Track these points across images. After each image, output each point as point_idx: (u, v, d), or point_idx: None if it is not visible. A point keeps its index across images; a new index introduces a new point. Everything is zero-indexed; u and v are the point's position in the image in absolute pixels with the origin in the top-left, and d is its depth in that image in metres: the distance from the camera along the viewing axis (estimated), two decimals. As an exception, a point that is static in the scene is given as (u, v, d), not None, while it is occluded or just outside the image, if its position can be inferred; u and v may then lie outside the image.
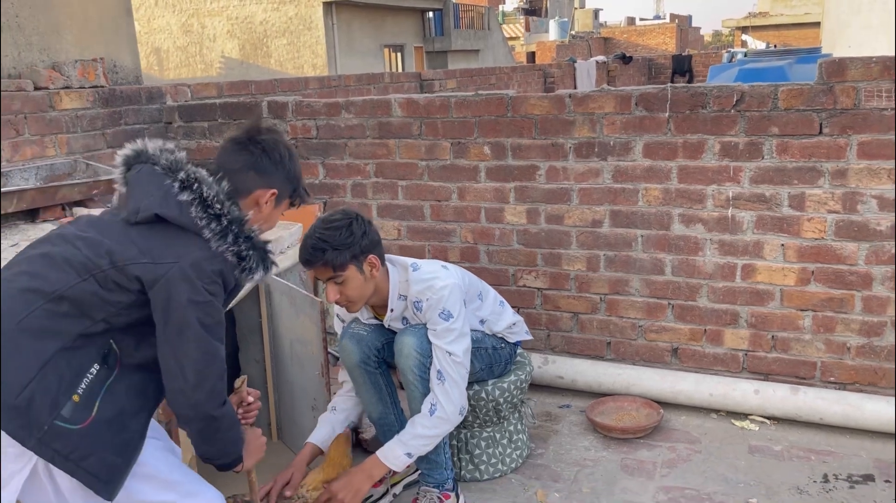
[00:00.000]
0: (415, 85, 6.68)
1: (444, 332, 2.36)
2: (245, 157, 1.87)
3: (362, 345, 2.51)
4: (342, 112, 3.57)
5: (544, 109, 3.22)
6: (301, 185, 2.00)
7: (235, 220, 1.75)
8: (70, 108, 3.44)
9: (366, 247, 2.33)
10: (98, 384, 1.66)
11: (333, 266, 2.28)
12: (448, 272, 2.46)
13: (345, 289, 2.34)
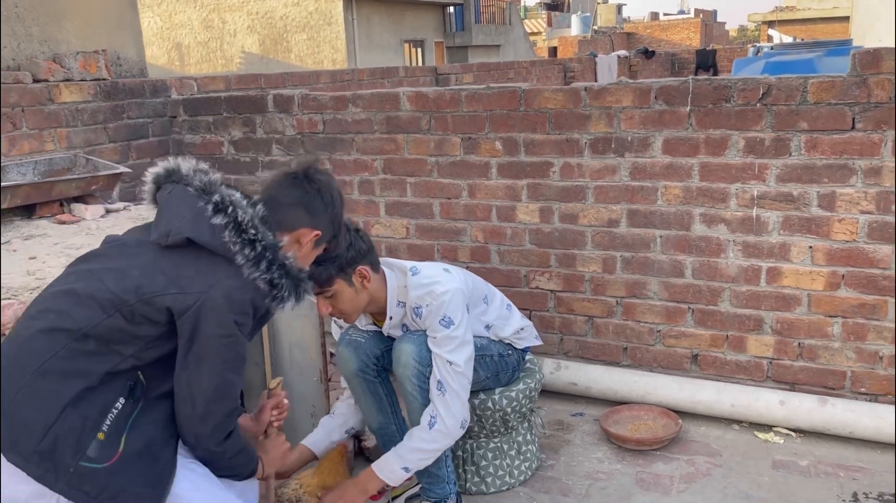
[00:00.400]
0: (430, 79, 6.55)
1: (445, 340, 2.23)
2: (298, 194, 1.84)
3: (360, 353, 2.39)
4: (349, 106, 3.45)
5: (559, 103, 3.07)
6: (342, 232, 1.99)
7: (270, 246, 1.70)
8: (70, 102, 3.34)
9: (352, 259, 2.19)
10: (123, 418, 1.61)
11: (319, 282, 2.15)
12: (450, 276, 2.32)
13: (335, 303, 2.22)
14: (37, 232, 2.80)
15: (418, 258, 3.44)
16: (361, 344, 2.40)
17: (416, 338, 2.27)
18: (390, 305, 2.31)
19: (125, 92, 3.61)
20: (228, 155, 3.77)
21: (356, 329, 2.46)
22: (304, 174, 1.84)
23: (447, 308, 2.23)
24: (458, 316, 2.24)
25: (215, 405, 1.67)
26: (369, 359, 2.39)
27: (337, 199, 1.89)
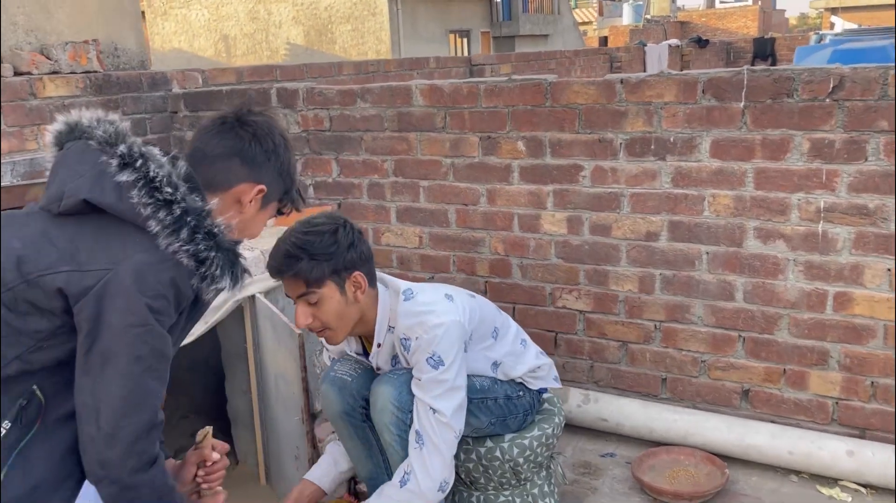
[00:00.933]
0: (464, 70, 6.17)
1: (431, 384, 1.87)
2: (230, 142, 1.44)
3: (345, 393, 2.05)
4: (357, 101, 3.10)
5: (590, 97, 2.67)
6: (296, 185, 1.57)
7: (193, 209, 1.31)
8: (55, 96, 3.08)
9: (351, 261, 1.88)
10: (8, 448, 1.25)
11: (307, 279, 1.84)
12: (449, 305, 1.96)
13: (319, 312, 1.88)
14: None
15: (432, 271, 3.09)
16: (347, 383, 2.06)
17: (396, 379, 1.92)
18: (379, 329, 1.98)
19: (119, 85, 3.34)
20: (231, 154, 3.47)
21: (343, 363, 2.12)
22: (236, 117, 1.47)
23: (438, 344, 1.88)
24: (451, 355, 1.89)
25: (127, 418, 1.28)
26: (356, 401, 2.05)
27: (281, 144, 1.50)
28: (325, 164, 3.24)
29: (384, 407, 1.90)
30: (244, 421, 2.66)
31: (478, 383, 2.02)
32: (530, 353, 2.19)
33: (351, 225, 1.95)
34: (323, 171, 3.25)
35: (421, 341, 1.89)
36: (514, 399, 2.12)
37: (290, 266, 1.84)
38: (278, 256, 1.87)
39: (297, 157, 1.55)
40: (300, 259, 1.83)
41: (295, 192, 1.55)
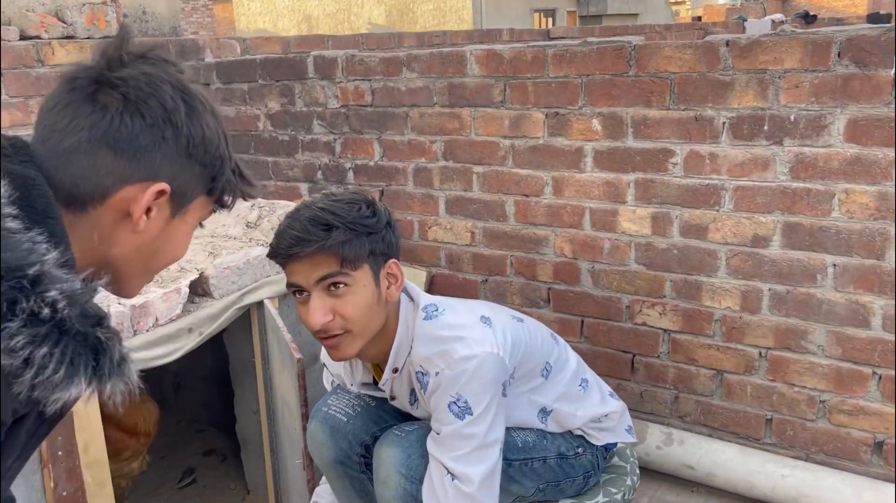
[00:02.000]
0: (541, 44, 5.60)
1: (453, 439, 1.39)
2: (88, 119, 0.84)
3: (339, 436, 1.61)
4: (403, 70, 2.63)
5: (686, 64, 2.11)
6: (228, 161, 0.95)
7: (8, 269, 0.72)
8: (66, 63, 2.73)
9: (389, 244, 1.45)
10: None
11: (343, 255, 1.36)
12: (486, 332, 1.46)
13: (341, 305, 1.38)
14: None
15: (486, 273, 2.61)
16: (342, 423, 1.61)
17: (405, 438, 1.46)
18: (397, 349, 1.49)
19: (143, 53, 2.97)
20: (265, 131, 3.07)
21: (340, 396, 1.66)
22: (95, 75, 0.84)
23: (467, 385, 1.39)
24: (484, 401, 1.39)
25: None
26: (352, 447, 1.60)
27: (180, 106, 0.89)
28: (365, 145, 2.79)
29: (388, 477, 1.44)
30: (254, 445, 2.26)
31: (520, 439, 1.54)
32: (593, 398, 1.68)
33: (385, 205, 1.50)
34: (364, 153, 2.81)
35: (443, 378, 1.41)
36: (570, 458, 1.62)
37: (319, 237, 1.35)
38: (300, 225, 1.37)
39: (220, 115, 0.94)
40: (333, 227, 1.36)
41: (231, 173, 0.96)
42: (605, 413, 1.68)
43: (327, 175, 2.93)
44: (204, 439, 2.69)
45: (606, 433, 1.69)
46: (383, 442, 1.50)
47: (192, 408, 2.81)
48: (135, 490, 2.35)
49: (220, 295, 1.94)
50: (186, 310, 1.86)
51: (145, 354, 1.71)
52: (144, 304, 1.74)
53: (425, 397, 1.47)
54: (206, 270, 1.91)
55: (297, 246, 1.36)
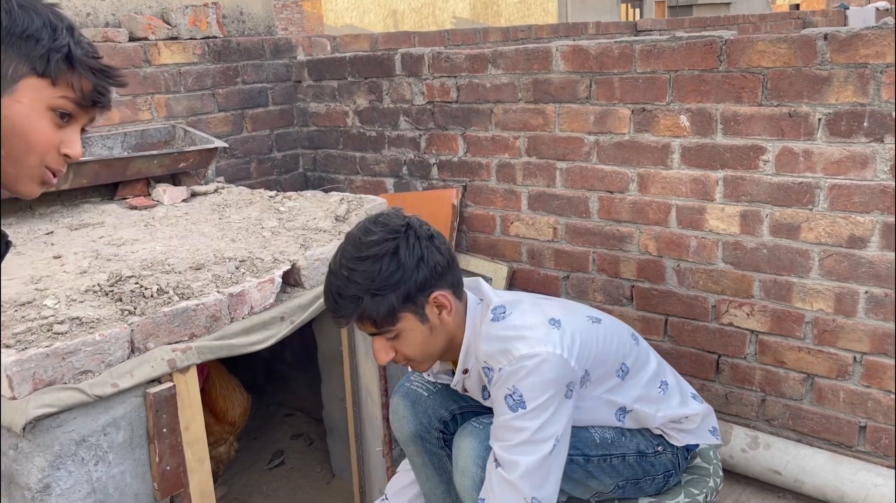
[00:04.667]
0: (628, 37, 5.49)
1: (504, 429, 1.44)
2: None
3: (419, 410, 1.69)
4: (488, 67, 2.65)
5: (780, 59, 2.05)
6: (58, 37, 0.97)
7: None
8: (171, 64, 2.89)
9: (425, 281, 1.46)
10: None
11: (375, 321, 1.46)
12: (551, 333, 1.48)
13: (400, 346, 1.51)
14: (95, 219, 2.36)
15: (567, 269, 2.61)
16: (423, 398, 1.69)
17: (483, 430, 1.50)
18: (465, 353, 1.56)
19: (239, 52, 3.11)
20: (353, 128, 3.16)
21: (421, 374, 1.74)
22: None
23: (524, 380, 1.42)
24: (539, 398, 1.42)
25: None
26: (432, 422, 1.67)
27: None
28: (450, 141, 2.84)
29: (466, 467, 1.48)
30: (340, 431, 2.34)
31: (598, 435, 1.55)
32: (672, 400, 1.66)
33: (414, 231, 1.49)
34: (448, 149, 2.85)
35: (504, 373, 1.45)
36: (649, 456, 1.61)
37: (350, 310, 1.46)
38: (331, 299, 1.49)
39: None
40: (359, 299, 1.44)
41: (65, 55, 0.95)
42: (686, 415, 1.66)
43: (412, 170, 2.99)
44: (292, 423, 2.80)
45: (687, 434, 1.68)
46: (463, 432, 1.54)
47: (282, 392, 2.93)
48: (227, 470, 2.48)
49: (311, 285, 2.02)
50: (279, 300, 1.94)
51: (241, 340, 1.81)
52: (241, 293, 1.83)
53: (491, 391, 1.51)
54: (298, 262, 1.99)
55: (339, 318, 1.51)
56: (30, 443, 1.48)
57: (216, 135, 2.96)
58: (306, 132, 3.35)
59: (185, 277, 1.85)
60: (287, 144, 3.34)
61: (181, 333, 1.71)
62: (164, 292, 1.75)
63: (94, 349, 1.56)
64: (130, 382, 1.59)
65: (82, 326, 1.59)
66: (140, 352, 1.65)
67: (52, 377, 1.51)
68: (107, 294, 1.73)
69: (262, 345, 1.86)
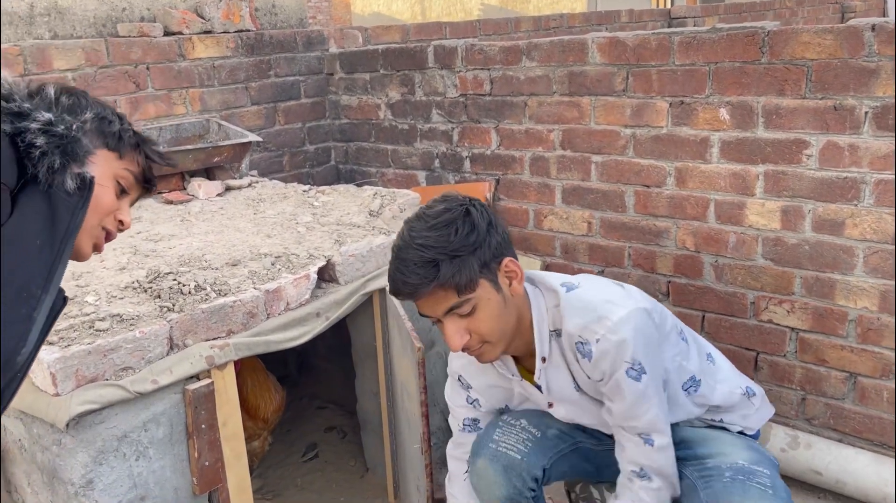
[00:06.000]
0: (661, 25, 5.42)
1: (639, 405, 1.45)
2: None
3: (513, 474, 1.60)
4: (522, 59, 2.62)
5: (825, 51, 2.00)
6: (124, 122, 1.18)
7: None
8: (205, 58, 2.90)
9: (498, 245, 1.42)
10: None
11: (457, 286, 1.36)
12: (625, 291, 1.50)
13: (474, 323, 1.41)
14: (133, 213, 2.37)
15: (602, 263, 2.58)
16: (517, 462, 1.61)
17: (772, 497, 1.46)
18: (540, 335, 1.50)
19: (272, 45, 3.11)
20: (385, 120, 3.15)
21: (506, 430, 1.65)
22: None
23: (635, 345, 1.41)
24: (650, 356, 1.44)
25: None
26: (526, 484, 1.61)
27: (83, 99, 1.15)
28: (483, 134, 2.81)
29: None
30: (373, 425, 2.35)
31: (754, 455, 1.54)
32: (724, 370, 1.65)
33: (480, 203, 1.45)
34: (481, 142, 2.83)
35: (606, 344, 1.41)
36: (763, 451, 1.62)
37: (430, 277, 1.35)
38: (408, 268, 1.37)
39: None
40: (439, 263, 1.35)
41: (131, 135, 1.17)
42: (743, 389, 1.63)
43: (444, 163, 2.97)
44: (325, 416, 2.82)
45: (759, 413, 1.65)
46: (748, 495, 1.46)
47: (315, 385, 2.95)
48: (262, 463, 2.50)
49: (346, 281, 2.02)
50: (314, 296, 1.94)
51: (278, 337, 1.81)
52: (277, 289, 1.83)
53: (588, 369, 1.47)
54: (333, 257, 2.00)
55: (414, 292, 1.39)
56: (73, 439, 1.50)
57: (249, 128, 2.97)
58: (338, 125, 3.34)
59: (221, 273, 1.86)
60: (319, 137, 3.34)
61: (219, 330, 1.73)
62: (201, 289, 1.76)
63: (135, 346, 1.57)
64: (170, 379, 1.61)
65: (123, 323, 1.61)
66: (179, 348, 1.66)
67: (94, 374, 1.53)
68: (146, 290, 1.75)
69: (297, 342, 1.87)
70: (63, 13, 2.69)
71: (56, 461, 1.54)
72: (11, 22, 2.57)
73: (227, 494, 1.76)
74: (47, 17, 2.66)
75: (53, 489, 1.58)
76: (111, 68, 2.64)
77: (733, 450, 1.55)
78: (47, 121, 1.03)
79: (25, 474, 1.66)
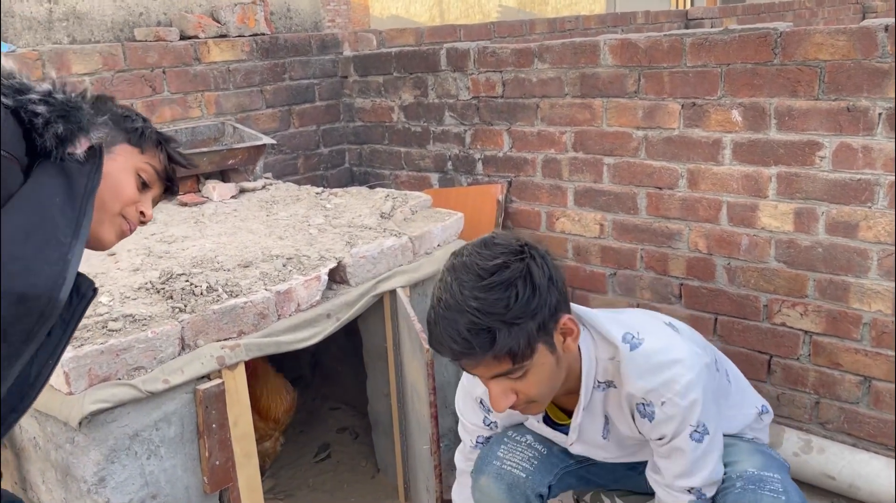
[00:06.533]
0: (678, 26, 5.39)
1: (701, 463, 1.41)
2: None
3: (517, 492, 1.58)
4: (534, 61, 2.62)
5: (838, 52, 1.98)
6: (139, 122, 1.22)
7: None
8: (220, 61, 2.93)
9: (556, 305, 1.27)
10: None
11: (513, 355, 1.23)
12: (684, 341, 1.43)
13: (526, 386, 1.29)
14: (148, 216, 2.41)
15: (614, 266, 2.58)
16: (521, 480, 1.58)
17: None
18: (586, 386, 1.42)
19: (287, 49, 3.14)
20: (398, 123, 3.16)
21: (511, 447, 1.62)
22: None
23: (702, 410, 1.36)
24: (712, 415, 1.40)
25: None
26: (531, 500, 1.60)
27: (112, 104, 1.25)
28: (495, 136, 2.82)
29: None
30: (384, 426, 2.36)
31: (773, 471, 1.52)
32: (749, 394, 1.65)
33: (535, 249, 1.29)
34: (493, 144, 2.83)
35: (673, 409, 1.36)
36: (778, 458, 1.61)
37: (484, 348, 1.22)
38: (458, 335, 1.22)
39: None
40: (496, 333, 1.21)
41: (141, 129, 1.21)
42: (759, 409, 1.63)
43: (457, 165, 2.98)
44: (338, 417, 2.84)
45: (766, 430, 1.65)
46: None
47: (328, 386, 2.97)
48: (274, 463, 2.52)
49: (356, 282, 2.04)
50: (325, 297, 1.96)
51: (288, 338, 1.83)
52: (288, 291, 1.85)
53: (645, 428, 1.42)
54: (344, 259, 2.01)
55: (463, 360, 1.26)
56: (86, 438, 1.53)
57: (264, 131, 3.00)
58: (352, 128, 3.36)
59: (233, 275, 1.88)
60: (333, 140, 3.37)
61: (230, 331, 1.75)
62: (213, 290, 1.78)
63: (147, 346, 1.60)
64: (181, 379, 1.63)
65: (135, 323, 1.63)
66: (190, 349, 1.68)
67: (107, 373, 1.55)
68: (158, 291, 1.77)
69: (308, 343, 1.89)
70: (81, 18, 2.74)
71: (69, 459, 1.57)
72: (31, 27, 2.62)
73: (238, 493, 1.78)
74: (66, 22, 2.71)
75: (67, 487, 1.61)
76: (128, 72, 2.68)
77: (743, 458, 1.54)
78: (46, 91, 1.05)
79: (40, 472, 1.69)
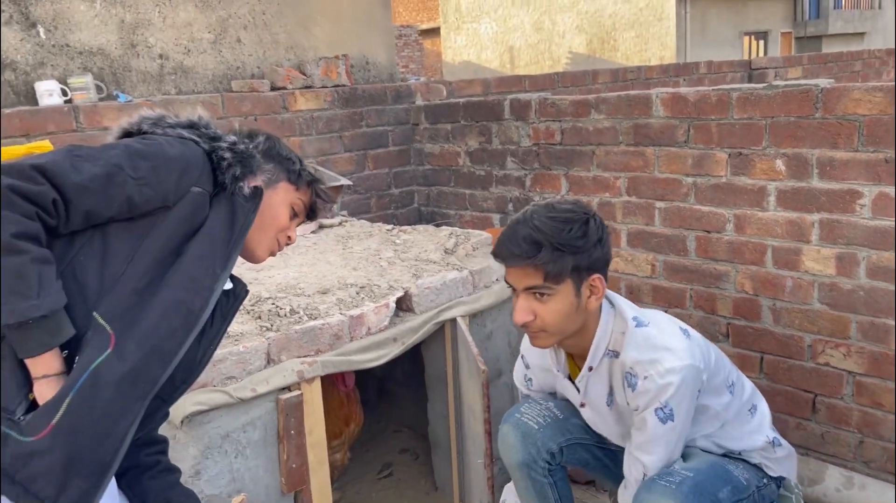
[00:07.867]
0: (741, 76, 5.50)
1: (655, 443, 1.61)
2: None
3: (528, 442, 1.81)
4: (591, 112, 2.83)
5: (876, 107, 2.12)
6: (298, 166, 1.49)
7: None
8: (305, 109, 3.24)
9: (595, 260, 1.59)
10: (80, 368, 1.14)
11: (546, 272, 1.55)
12: (688, 344, 1.64)
13: (543, 310, 1.59)
14: (238, 247, 2.69)
15: (665, 304, 2.72)
16: (533, 431, 1.82)
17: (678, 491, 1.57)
18: (595, 349, 1.68)
19: (364, 98, 3.43)
20: (464, 167, 3.40)
21: (532, 405, 1.88)
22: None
23: (674, 395, 1.57)
24: (683, 408, 1.59)
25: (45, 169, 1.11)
26: (540, 454, 1.81)
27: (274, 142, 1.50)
28: (553, 180, 3.02)
29: None
30: (443, 447, 2.54)
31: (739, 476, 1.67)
32: (766, 424, 1.77)
33: (600, 219, 1.64)
34: (551, 188, 3.03)
35: (651, 384, 1.58)
36: (763, 489, 1.73)
37: (530, 253, 1.55)
38: (516, 239, 1.57)
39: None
40: (542, 246, 1.54)
41: (299, 171, 1.48)
42: (773, 437, 1.75)
43: (517, 207, 3.18)
44: (400, 438, 3.03)
45: (780, 467, 1.76)
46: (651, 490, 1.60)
47: (392, 409, 3.17)
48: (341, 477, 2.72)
49: (421, 311, 2.25)
50: (392, 323, 2.18)
51: (359, 357, 2.05)
52: (360, 315, 2.08)
53: (629, 396, 1.64)
54: (410, 289, 2.23)
55: (511, 258, 1.59)
56: (186, 435, 1.77)
57: (341, 173, 3.28)
58: (422, 171, 3.62)
59: (313, 300, 2.12)
60: (404, 182, 3.63)
61: (308, 348, 1.98)
62: (295, 312, 2.02)
63: (238, 358, 1.84)
64: (266, 388, 1.86)
65: (229, 339, 1.88)
66: (274, 363, 1.92)
67: (205, 380, 1.80)
68: (248, 312, 2.03)
69: (376, 363, 2.10)
70: (187, 72, 3.09)
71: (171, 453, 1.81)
72: (144, 80, 2.98)
73: (310, 496, 1.99)
74: (174, 76, 3.06)
75: (166, 478, 1.84)
76: (225, 119, 3.01)
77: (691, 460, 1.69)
78: (233, 141, 1.36)
79: (143, 465, 1.94)
